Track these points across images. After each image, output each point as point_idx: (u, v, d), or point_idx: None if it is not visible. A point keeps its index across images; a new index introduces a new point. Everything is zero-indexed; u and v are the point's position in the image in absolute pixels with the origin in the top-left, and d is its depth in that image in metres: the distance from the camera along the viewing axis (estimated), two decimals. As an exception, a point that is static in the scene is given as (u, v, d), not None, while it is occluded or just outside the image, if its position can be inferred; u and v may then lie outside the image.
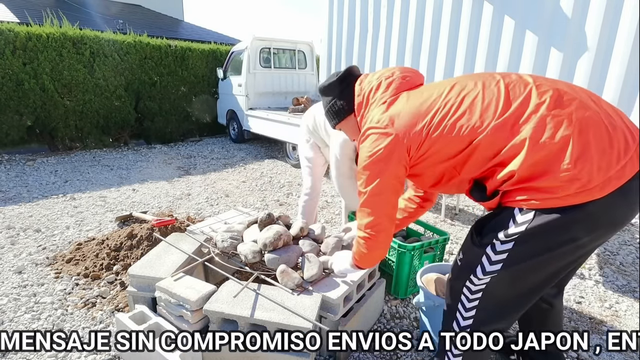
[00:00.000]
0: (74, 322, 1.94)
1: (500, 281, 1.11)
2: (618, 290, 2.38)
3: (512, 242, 1.05)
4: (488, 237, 1.11)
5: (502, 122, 1.03)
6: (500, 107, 1.05)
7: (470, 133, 1.07)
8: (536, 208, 1.01)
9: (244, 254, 1.79)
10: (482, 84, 1.11)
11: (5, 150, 5.69)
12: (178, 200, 3.94)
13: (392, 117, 1.18)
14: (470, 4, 4.28)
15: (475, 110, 1.07)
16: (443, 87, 1.17)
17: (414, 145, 1.15)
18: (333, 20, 6.64)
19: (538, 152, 0.98)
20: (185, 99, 7.41)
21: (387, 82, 1.29)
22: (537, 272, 1.09)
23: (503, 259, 1.08)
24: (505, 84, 1.09)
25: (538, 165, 0.99)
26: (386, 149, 1.16)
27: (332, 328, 1.61)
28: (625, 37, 3.24)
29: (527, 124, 1.01)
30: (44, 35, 5.55)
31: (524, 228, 1.02)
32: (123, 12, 14.15)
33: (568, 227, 1.00)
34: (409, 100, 1.20)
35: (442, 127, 1.10)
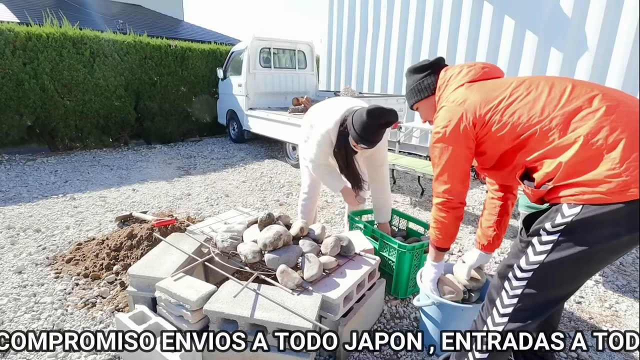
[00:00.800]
0: (74, 322, 1.94)
1: (542, 273, 1.13)
2: (618, 290, 2.38)
3: (559, 233, 1.09)
4: (535, 228, 1.15)
5: (560, 116, 1.11)
6: (562, 103, 1.13)
7: (528, 122, 1.16)
8: (583, 202, 1.05)
9: (244, 254, 1.79)
10: (552, 83, 1.19)
11: (5, 150, 5.69)
12: (178, 200, 3.94)
13: (465, 97, 1.31)
14: (470, 4, 4.29)
15: (538, 103, 1.16)
16: (515, 81, 1.27)
17: (479, 123, 1.27)
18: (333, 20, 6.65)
19: (589, 150, 1.04)
20: (185, 99, 7.41)
21: (468, 69, 1.42)
22: (577, 266, 1.11)
23: (548, 249, 1.11)
24: (572, 85, 1.16)
25: (586, 163, 1.05)
26: (456, 123, 1.30)
27: (332, 328, 1.61)
28: (625, 37, 3.24)
29: (584, 123, 1.07)
30: (44, 35, 5.55)
31: (570, 219, 1.06)
32: (123, 12, 14.15)
33: (613, 222, 1.03)
34: (483, 86, 1.33)
35: (504, 113, 1.21)
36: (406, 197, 4.23)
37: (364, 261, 1.90)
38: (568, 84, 1.17)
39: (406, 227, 2.60)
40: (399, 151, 5.54)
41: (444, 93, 1.45)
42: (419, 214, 3.68)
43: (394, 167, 3.97)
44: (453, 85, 1.42)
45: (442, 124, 1.35)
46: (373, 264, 1.89)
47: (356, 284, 1.72)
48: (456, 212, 1.46)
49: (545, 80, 1.22)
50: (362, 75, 6.92)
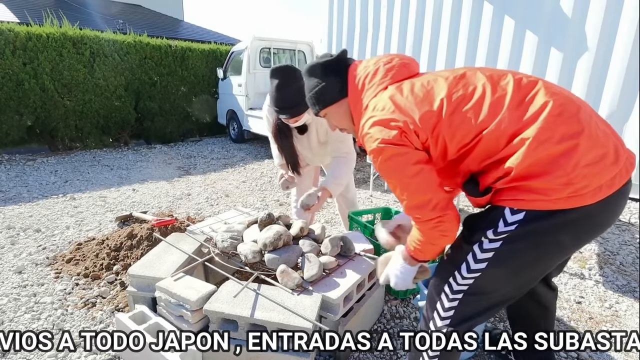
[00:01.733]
0: (74, 322, 1.94)
1: (484, 280, 1.10)
2: (618, 290, 2.38)
3: (501, 241, 1.05)
4: (477, 235, 1.09)
5: (509, 119, 1.01)
6: (507, 103, 1.03)
7: (478, 125, 1.03)
8: (527, 209, 1.00)
9: (244, 254, 1.79)
10: (491, 78, 1.08)
11: (5, 150, 5.69)
12: (178, 200, 3.94)
13: (398, 104, 1.11)
14: (470, 4, 4.28)
15: (485, 104, 1.04)
16: (452, 76, 1.12)
17: (422, 131, 1.08)
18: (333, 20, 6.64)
19: (540, 152, 0.97)
20: (185, 99, 7.41)
21: (386, 67, 1.22)
22: (520, 273, 1.09)
23: (489, 257, 1.07)
24: (514, 80, 1.07)
25: (536, 166, 0.97)
26: (398, 135, 1.08)
27: (332, 328, 1.61)
28: (625, 37, 3.24)
29: (533, 124, 0.99)
30: (44, 35, 5.55)
31: (513, 228, 1.02)
32: (123, 12, 14.15)
33: (556, 229, 1.01)
34: (414, 87, 1.13)
35: (451, 116, 1.06)
36: (406, 197, 4.23)
37: (364, 261, 1.90)
38: (508, 79, 1.07)
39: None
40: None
41: (363, 98, 1.22)
42: (419, 214, 3.68)
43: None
44: (371, 89, 1.20)
45: (379, 137, 1.10)
46: (373, 264, 1.89)
47: (356, 284, 1.72)
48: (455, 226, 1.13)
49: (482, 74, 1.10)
50: (362, 75, 6.90)
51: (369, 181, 4.49)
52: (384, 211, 2.71)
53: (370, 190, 4.34)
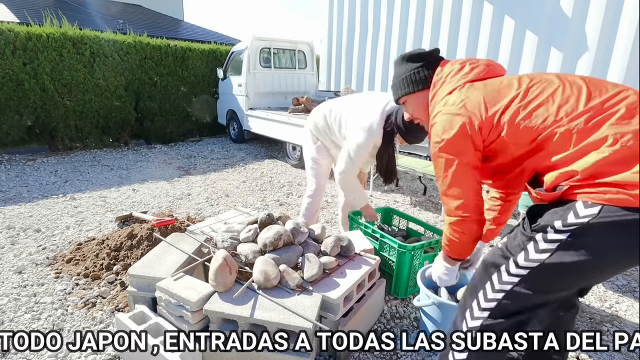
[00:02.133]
0: (74, 322, 1.94)
1: (540, 273, 1.02)
2: (618, 290, 2.38)
3: (568, 233, 0.96)
4: (541, 225, 1.02)
5: (580, 116, 1.00)
6: (582, 102, 1.02)
7: (545, 124, 1.04)
8: (604, 202, 0.92)
9: (244, 254, 1.79)
10: (563, 80, 1.10)
11: (5, 150, 5.69)
12: (178, 200, 3.94)
13: (466, 100, 1.17)
14: (470, 4, 4.29)
15: (554, 103, 1.05)
16: (525, 79, 1.15)
17: (486, 127, 1.13)
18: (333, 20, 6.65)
19: (619, 151, 0.93)
20: (185, 99, 7.41)
21: (471, 66, 1.27)
22: (580, 273, 1.00)
23: (552, 248, 0.99)
24: (586, 82, 1.07)
25: (614, 164, 0.93)
26: (460, 130, 1.15)
27: (332, 328, 1.61)
28: (625, 37, 3.24)
29: (607, 122, 0.97)
30: (44, 35, 5.55)
31: (586, 221, 0.94)
32: (123, 12, 14.15)
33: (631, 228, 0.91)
34: (487, 85, 1.19)
35: (517, 113, 1.08)
36: (406, 197, 4.23)
37: (364, 261, 1.90)
38: (580, 81, 1.08)
39: (406, 227, 2.61)
40: (399, 151, 5.54)
41: (439, 91, 1.30)
42: (419, 214, 3.68)
43: (394, 167, 3.97)
44: (451, 84, 1.27)
45: (441, 131, 1.19)
46: (373, 264, 1.89)
47: (356, 284, 1.72)
48: (474, 231, 1.25)
49: (556, 78, 1.11)
50: (362, 75, 6.92)
51: (369, 181, 4.49)
52: (384, 211, 2.72)
53: (370, 190, 4.34)
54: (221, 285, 1.61)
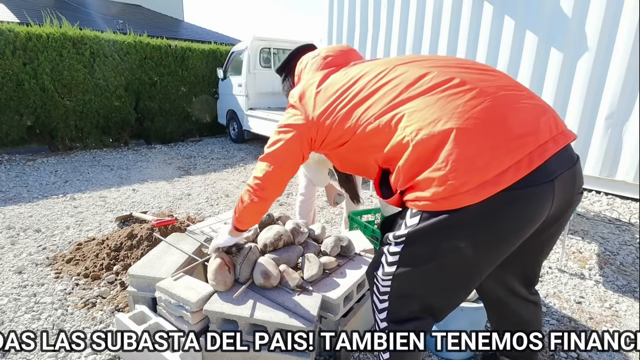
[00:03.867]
0: (74, 322, 1.94)
1: (399, 283, 1.03)
2: (618, 290, 2.38)
3: (402, 245, 0.99)
4: (386, 237, 1.06)
5: (389, 108, 0.99)
6: (397, 92, 1.01)
7: (356, 124, 1.05)
8: (421, 210, 0.93)
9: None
10: (386, 70, 1.08)
11: (5, 150, 5.69)
12: (178, 200, 3.94)
13: (302, 94, 1.21)
14: (470, 4, 4.29)
15: (373, 97, 1.04)
16: (360, 69, 1.15)
17: (313, 126, 1.17)
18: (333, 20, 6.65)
19: (418, 147, 0.90)
20: (185, 99, 7.41)
21: (313, 61, 1.32)
22: (431, 278, 1.01)
23: (396, 260, 1.01)
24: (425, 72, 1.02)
25: (418, 162, 0.91)
26: (291, 124, 1.21)
27: (332, 328, 1.61)
28: (625, 37, 3.24)
29: (403, 120, 0.95)
30: (44, 35, 5.55)
31: (408, 231, 0.96)
32: (123, 12, 14.15)
33: (448, 233, 0.91)
34: (324, 80, 1.21)
35: (340, 111, 1.10)
36: (406, 197, 4.23)
37: (364, 261, 1.90)
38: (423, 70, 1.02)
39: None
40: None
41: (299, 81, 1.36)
42: (419, 214, 3.68)
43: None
44: (306, 74, 1.31)
45: (283, 121, 1.26)
46: (373, 264, 1.89)
47: (356, 284, 1.72)
48: (265, 206, 1.34)
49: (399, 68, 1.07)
50: (362, 75, 6.91)
51: (369, 181, 4.49)
52: (384, 211, 2.71)
53: (370, 190, 4.34)
54: (221, 284, 1.61)
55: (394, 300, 1.07)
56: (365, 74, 1.11)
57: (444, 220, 0.89)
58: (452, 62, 1.08)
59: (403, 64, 1.09)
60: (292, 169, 1.29)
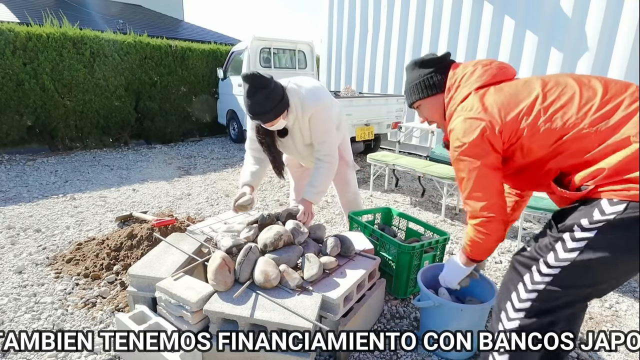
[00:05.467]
0: (74, 322, 1.94)
1: (571, 271, 1.04)
2: (618, 290, 2.38)
3: (595, 230, 0.99)
4: (568, 225, 1.05)
5: (600, 117, 1.03)
6: (600, 103, 1.05)
7: (566, 126, 1.07)
8: (630, 199, 0.95)
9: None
10: (579, 81, 1.13)
11: (5, 150, 5.69)
12: (178, 200, 3.94)
13: (486, 105, 1.20)
14: (470, 4, 4.29)
15: (574, 105, 1.08)
16: (540, 80, 1.18)
17: (506, 131, 1.16)
18: (333, 20, 6.64)
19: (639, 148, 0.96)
20: (186, 99, 7.40)
21: (484, 69, 1.29)
22: (609, 269, 1.02)
23: (581, 247, 1.01)
24: (602, 82, 1.10)
25: (637, 161, 0.96)
26: (480, 134, 1.18)
27: (332, 328, 1.61)
28: (625, 37, 3.24)
29: (629, 122, 1.00)
30: (44, 35, 5.55)
31: (612, 217, 0.97)
32: (123, 12, 14.15)
33: None
34: (504, 89, 1.21)
35: (538, 117, 1.11)
36: (406, 197, 4.23)
37: (364, 261, 1.90)
38: (596, 82, 1.11)
39: (406, 227, 2.61)
40: (399, 151, 5.54)
41: (455, 95, 1.32)
42: (419, 214, 3.68)
43: (395, 167, 3.98)
44: (466, 87, 1.29)
45: (462, 135, 1.21)
46: (373, 264, 1.89)
47: (356, 284, 1.72)
48: (500, 231, 1.27)
49: (572, 80, 1.14)
50: (362, 75, 6.92)
51: (369, 181, 4.49)
52: (384, 211, 2.71)
53: (370, 190, 4.34)
54: (222, 284, 1.61)
55: (547, 291, 1.08)
56: (554, 82, 1.15)
57: None
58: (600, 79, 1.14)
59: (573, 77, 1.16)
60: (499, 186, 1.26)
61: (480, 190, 1.23)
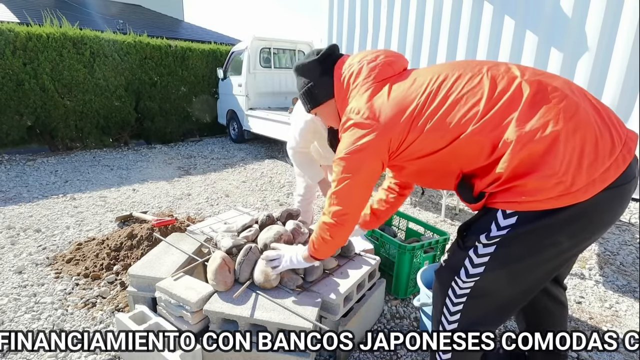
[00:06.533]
0: (74, 322, 1.94)
1: (484, 283, 1.07)
2: (618, 290, 2.38)
3: (495, 246, 1.03)
4: (471, 239, 1.08)
5: (488, 121, 0.99)
6: (483, 104, 1.00)
7: (454, 129, 1.02)
8: (519, 210, 0.97)
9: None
10: (469, 77, 1.06)
11: (5, 150, 5.69)
12: (178, 200, 3.94)
13: (374, 109, 1.13)
14: (470, 4, 4.29)
15: (461, 106, 1.02)
16: (428, 78, 1.11)
17: (395, 139, 1.11)
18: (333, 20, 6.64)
19: (522, 151, 0.93)
20: (186, 99, 7.41)
21: (370, 67, 1.21)
22: (521, 277, 1.05)
23: (485, 262, 1.05)
24: (491, 76, 1.03)
25: (522, 166, 0.94)
26: (365, 143, 1.12)
27: (332, 328, 1.61)
28: (625, 37, 3.24)
29: (513, 123, 0.96)
30: (44, 35, 5.55)
31: (505, 232, 1.00)
32: (123, 12, 14.15)
33: (551, 230, 0.97)
34: (392, 91, 1.14)
35: (425, 122, 1.06)
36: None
37: (364, 261, 1.90)
38: (486, 73, 1.04)
39: (406, 227, 2.61)
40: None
41: (348, 97, 1.25)
42: (419, 214, 3.68)
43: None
44: (356, 88, 1.22)
45: (349, 143, 1.16)
46: (373, 264, 1.89)
47: (356, 284, 1.72)
48: (341, 238, 1.32)
49: (459, 72, 1.07)
50: (362, 75, 6.91)
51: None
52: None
53: (370, 190, 4.34)
54: (222, 284, 1.61)
55: (471, 302, 1.11)
56: (443, 81, 1.08)
57: (549, 218, 0.94)
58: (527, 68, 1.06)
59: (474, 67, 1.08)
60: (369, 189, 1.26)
61: (341, 197, 1.23)
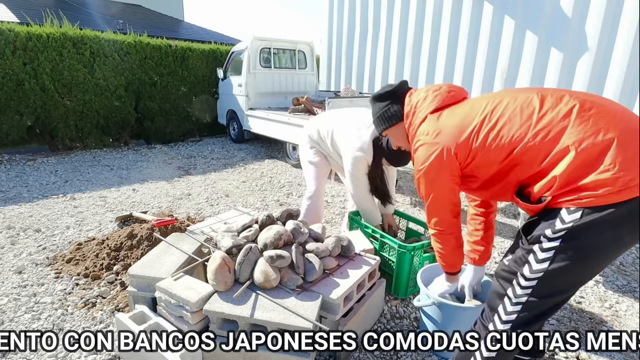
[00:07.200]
0: (74, 322, 1.94)
1: (547, 280, 1.12)
2: (618, 290, 2.38)
3: (560, 239, 1.08)
4: (535, 236, 1.14)
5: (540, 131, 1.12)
6: (535, 118, 1.14)
7: (513, 141, 1.16)
8: (583, 206, 1.04)
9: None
10: (520, 98, 1.21)
11: (5, 150, 5.69)
12: (178, 200, 3.94)
13: (439, 129, 1.32)
14: (470, 4, 4.28)
15: (515, 122, 1.17)
16: (485, 101, 1.28)
17: (461, 153, 1.27)
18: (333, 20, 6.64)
19: (580, 156, 1.04)
20: (186, 99, 7.40)
21: (434, 94, 1.42)
22: (581, 270, 1.11)
23: (550, 256, 1.10)
24: (541, 96, 1.18)
25: (580, 169, 1.05)
26: (436, 158, 1.31)
27: (332, 328, 1.61)
28: (625, 37, 3.23)
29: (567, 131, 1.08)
30: (44, 35, 5.55)
31: (570, 225, 1.06)
32: (123, 12, 14.15)
33: (613, 224, 1.03)
34: (454, 114, 1.32)
35: (484, 137, 1.21)
36: (406, 197, 4.23)
37: (364, 261, 1.90)
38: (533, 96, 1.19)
39: (406, 227, 2.60)
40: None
41: (414, 120, 1.46)
42: (419, 214, 3.68)
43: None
44: (421, 112, 1.42)
45: (422, 160, 1.36)
46: (373, 264, 1.89)
47: (356, 284, 1.73)
48: (451, 242, 1.49)
49: (511, 96, 1.24)
50: (362, 75, 6.91)
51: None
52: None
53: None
54: (222, 284, 1.61)
55: (530, 302, 1.16)
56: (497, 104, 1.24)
57: (612, 212, 1.02)
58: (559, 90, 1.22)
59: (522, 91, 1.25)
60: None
61: (434, 208, 1.44)
